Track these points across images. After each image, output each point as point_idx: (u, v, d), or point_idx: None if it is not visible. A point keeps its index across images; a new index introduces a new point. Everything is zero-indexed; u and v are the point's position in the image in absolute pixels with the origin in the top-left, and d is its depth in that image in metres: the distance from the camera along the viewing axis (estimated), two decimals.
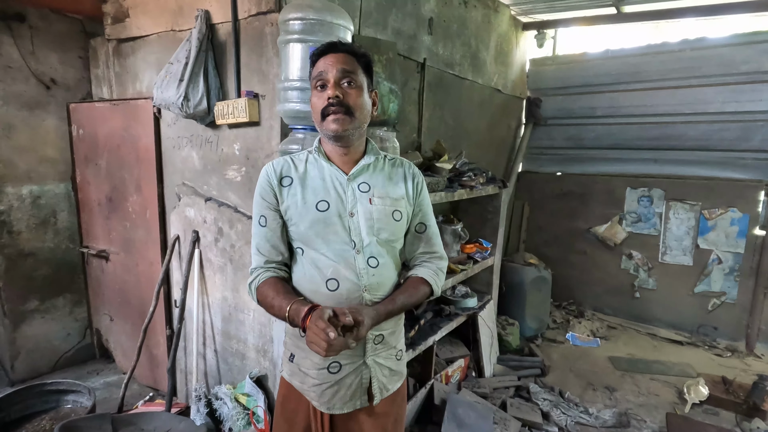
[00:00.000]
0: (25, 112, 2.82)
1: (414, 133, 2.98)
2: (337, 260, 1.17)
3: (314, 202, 1.18)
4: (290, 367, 1.29)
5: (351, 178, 1.22)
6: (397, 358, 1.32)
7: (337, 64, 1.14)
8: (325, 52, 1.17)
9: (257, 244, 1.24)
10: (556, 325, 4.21)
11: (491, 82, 3.91)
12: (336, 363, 1.20)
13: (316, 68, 1.17)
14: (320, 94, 1.15)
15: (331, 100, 1.12)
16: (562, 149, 4.70)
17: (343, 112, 1.13)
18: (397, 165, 1.32)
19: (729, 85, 3.73)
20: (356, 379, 1.23)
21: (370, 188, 1.23)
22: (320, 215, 1.18)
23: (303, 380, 1.25)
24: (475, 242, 3.21)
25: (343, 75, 1.14)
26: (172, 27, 2.36)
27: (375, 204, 1.21)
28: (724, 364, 3.56)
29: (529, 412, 2.71)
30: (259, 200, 1.23)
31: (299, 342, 1.24)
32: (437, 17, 3.00)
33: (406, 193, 1.28)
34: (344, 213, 1.19)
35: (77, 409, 2.30)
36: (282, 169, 1.23)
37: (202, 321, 2.51)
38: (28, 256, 2.91)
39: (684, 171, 4.08)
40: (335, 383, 1.21)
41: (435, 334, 2.65)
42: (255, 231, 1.24)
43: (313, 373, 1.22)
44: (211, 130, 2.28)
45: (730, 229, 3.84)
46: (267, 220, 1.22)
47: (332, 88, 1.13)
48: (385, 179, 1.27)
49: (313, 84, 1.18)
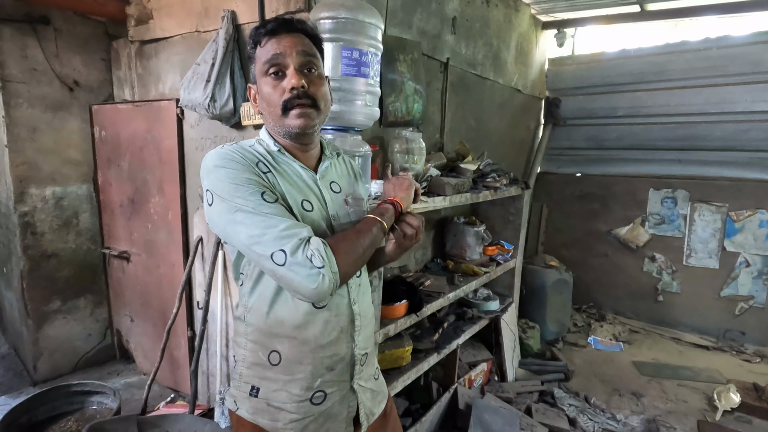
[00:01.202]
0: (49, 114, 2.83)
1: (437, 133, 2.94)
2: None
3: (299, 200, 0.98)
4: (253, 404, 1.04)
5: (321, 178, 1.06)
6: (375, 378, 1.19)
7: (297, 46, 0.96)
8: (277, 32, 0.96)
9: (282, 214, 0.90)
10: (577, 329, 4.14)
11: (512, 82, 3.85)
12: (320, 392, 1.03)
13: (264, 50, 0.97)
14: (276, 82, 0.96)
15: (295, 90, 0.94)
16: (582, 150, 4.62)
17: (310, 104, 0.97)
18: (347, 162, 1.22)
19: (757, 83, 3.63)
20: (343, 409, 1.08)
21: (341, 189, 1.10)
22: (308, 215, 0.98)
23: (275, 417, 1.02)
24: (497, 244, 3.16)
25: (304, 60, 0.97)
26: (196, 28, 2.35)
27: (351, 205, 1.10)
28: (753, 370, 3.46)
29: (555, 418, 2.65)
30: (252, 177, 0.92)
31: (267, 372, 1.02)
32: (460, 16, 2.96)
33: (364, 192, 1.21)
34: (327, 216, 1.03)
35: (102, 410, 2.30)
36: (249, 155, 0.97)
37: (225, 323, 2.49)
38: (51, 257, 2.92)
39: (710, 172, 3.99)
40: (319, 416, 1.04)
41: (458, 337, 2.61)
42: (264, 209, 0.88)
43: (290, 407, 1.01)
44: (235, 131, 2.26)
45: (758, 231, 3.74)
46: (276, 197, 0.92)
47: (296, 77, 0.94)
48: (349, 178, 1.17)
49: (263, 69, 0.97)
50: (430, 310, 2.30)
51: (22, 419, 2.11)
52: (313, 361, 1.02)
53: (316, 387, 1.02)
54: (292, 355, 1.01)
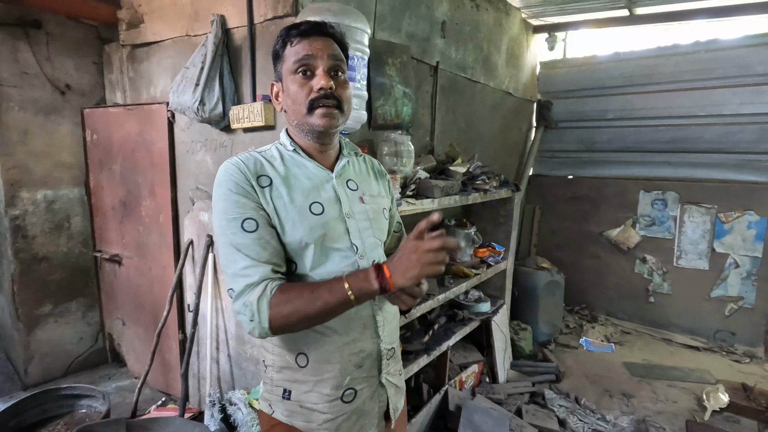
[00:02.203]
0: (41, 117, 2.84)
1: (427, 136, 2.97)
2: (342, 270, 1.01)
3: (306, 205, 1.01)
4: (287, 406, 1.07)
5: (338, 176, 1.09)
6: (399, 374, 1.22)
7: (327, 49, 1.01)
8: (309, 33, 1.01)
9: (250, 253, 0.94)
10: (569, 330, 4.16)
11: (503, 86, 3.89)
12: (351, 390, 1.06)
13: (294, 49, 1.01)
14: (304, 81, 1.00)
15: (323, 91, 0.99)
16: (573, 152, 4.66)
17: (335, 105, 1.01)
18: (367, 161, 1.24)
19: (745, 86, 3.68)
20: (374, 404, 1.10)
21: (358, 186, 1.13)
22: (317, 219, 1.01)
23: (309, 418, 1.05)
24: (488, 246, 3.18)
25: (333, 64, 1.02)
26: (187, 32, 2.37)
27: (367, 203, 1.12)
28: (743, 371, 3.49)
29: (545, 418, 2.67)
30: (239, 200, 0.96)
31: (296, 374, 1.05)
32: (450, 20, 2.99)
33: (385, 190, 1.22)
34: (341, 215, 1.05)
35: (92, 413, 2.30)
36: (255, 166, 1.01)
37: (215, 325, 2.50)
38: (42, 260, 2.92)
39: (699, 174, 4.02)
40: (351, 413, 1.06)
41: (449, 339, 2.62)
42: (237, 241, 0.94)
43: (322, 407, 1.04)
44: (225, 134, 2.28)
45: (747, 232, 3.78)
46: (258, 223, 0.96)
47: (325, 78, 0.99)
48: (366, 176, 1.19)
49: (292, 68, 1.01)
50: (419, 311, 2.32)
51: (10, 423, 2.11)
52: (341, 360, 1.04)
53: (346, 385, 1.05)
54: (319, 356, 1.03)
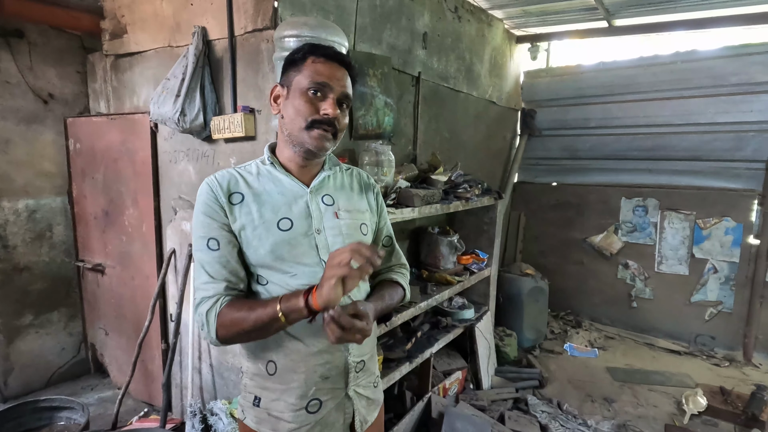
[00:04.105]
0: (23, 126, 2.83)
1: (410, 145, 3.01)
2: (308, 284, 1.00)
3: (275, 221, 1.05)
4: (256, 413, 1.10)
5: (313, 191, 1.11)
6: (374, 386, 1.22)
7: (343, 80, 1.06)
8: (333, 58, 1.06)
9: (210, 270, 1.02)
10: (554, 336, 4.20)
11: (486, 95, 3.95)
12: (316, 401, 1.07)
13: (314, 67, 1.04)
14: (314, 100, 1.04)
15: (327, 116, 1.03)
16: (557, 160, 4.74)
17: (332, 132, 1.06)
18: (354, 175, 1.25)
19: (720, 96, 3.78)
20: (339, 417, 1.11)
21: (334, 201, 1.13)
22: (284, 235, 1.04)
23: (276, 426, 1.08)
24: (472, 253, 3.21)
25: (343, 96, 1.07)
26: (169, 43, 2.39)
27: (342, 218, 1.12)
28: (722, 374, 3.55)
29: (527, 424, 2.69)
30: (205, 220, 1.03)
31: (266, 382, 1.08)
32: (431, 32, 3.05)
33: (369, 205, 1.22)
34: (310, 230, 1.07)
35: (71, 426, 2.27)
36: (229, 184, 1.06)
37: (197, 335, 2.49)
38: (23, 270, 2.90)
39: (678, 181, 4.12)
40: (316, 424, 1.08)
41: (432, 346, 2.64)
42: (202, 257, 1.03)
43: (287, 416, 1.07)
44: (207, 144, 2.29)
45: (724, 238, 3.87)
46: (220, 243, 1.02)
47: (333, 107, 1.03)
48: (347, 191, 1.19)
49: (307, 84, 1.03)
50: (400, 319, 2.34)
51: None
52: (306, 370, 1.06)
53: (311, 395, 1.06)
54: (287, 364, 1.06)
